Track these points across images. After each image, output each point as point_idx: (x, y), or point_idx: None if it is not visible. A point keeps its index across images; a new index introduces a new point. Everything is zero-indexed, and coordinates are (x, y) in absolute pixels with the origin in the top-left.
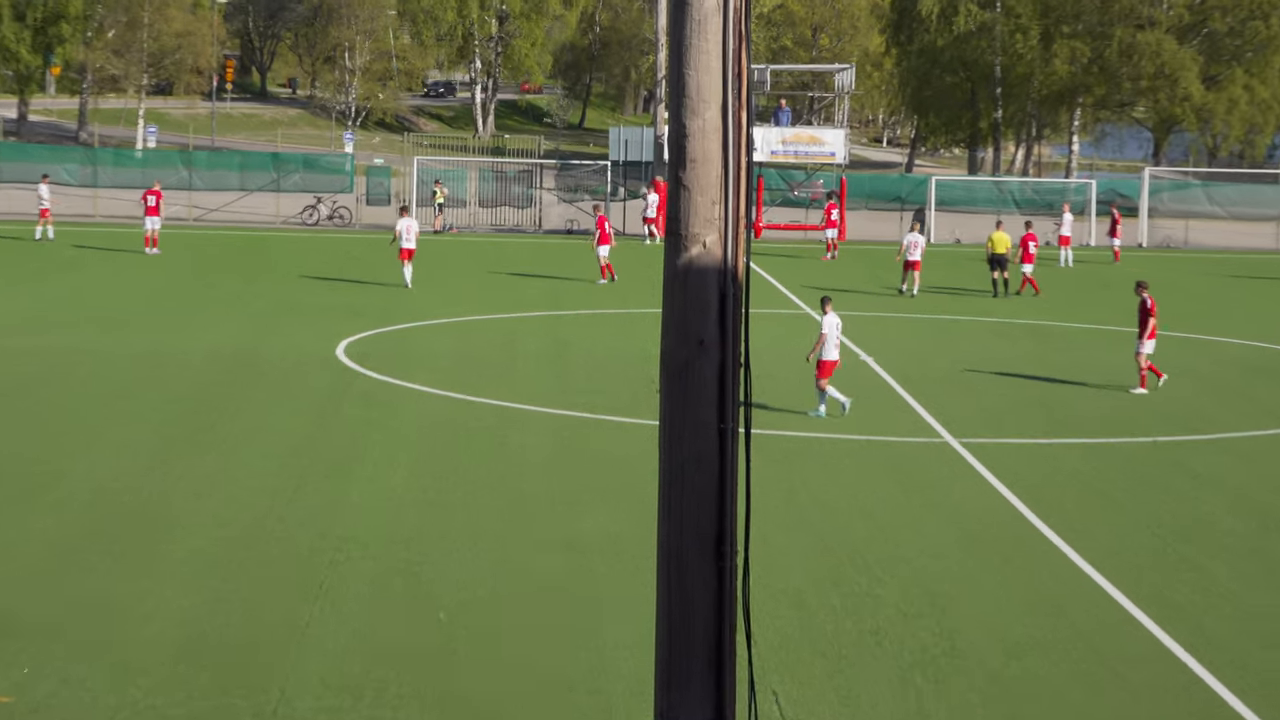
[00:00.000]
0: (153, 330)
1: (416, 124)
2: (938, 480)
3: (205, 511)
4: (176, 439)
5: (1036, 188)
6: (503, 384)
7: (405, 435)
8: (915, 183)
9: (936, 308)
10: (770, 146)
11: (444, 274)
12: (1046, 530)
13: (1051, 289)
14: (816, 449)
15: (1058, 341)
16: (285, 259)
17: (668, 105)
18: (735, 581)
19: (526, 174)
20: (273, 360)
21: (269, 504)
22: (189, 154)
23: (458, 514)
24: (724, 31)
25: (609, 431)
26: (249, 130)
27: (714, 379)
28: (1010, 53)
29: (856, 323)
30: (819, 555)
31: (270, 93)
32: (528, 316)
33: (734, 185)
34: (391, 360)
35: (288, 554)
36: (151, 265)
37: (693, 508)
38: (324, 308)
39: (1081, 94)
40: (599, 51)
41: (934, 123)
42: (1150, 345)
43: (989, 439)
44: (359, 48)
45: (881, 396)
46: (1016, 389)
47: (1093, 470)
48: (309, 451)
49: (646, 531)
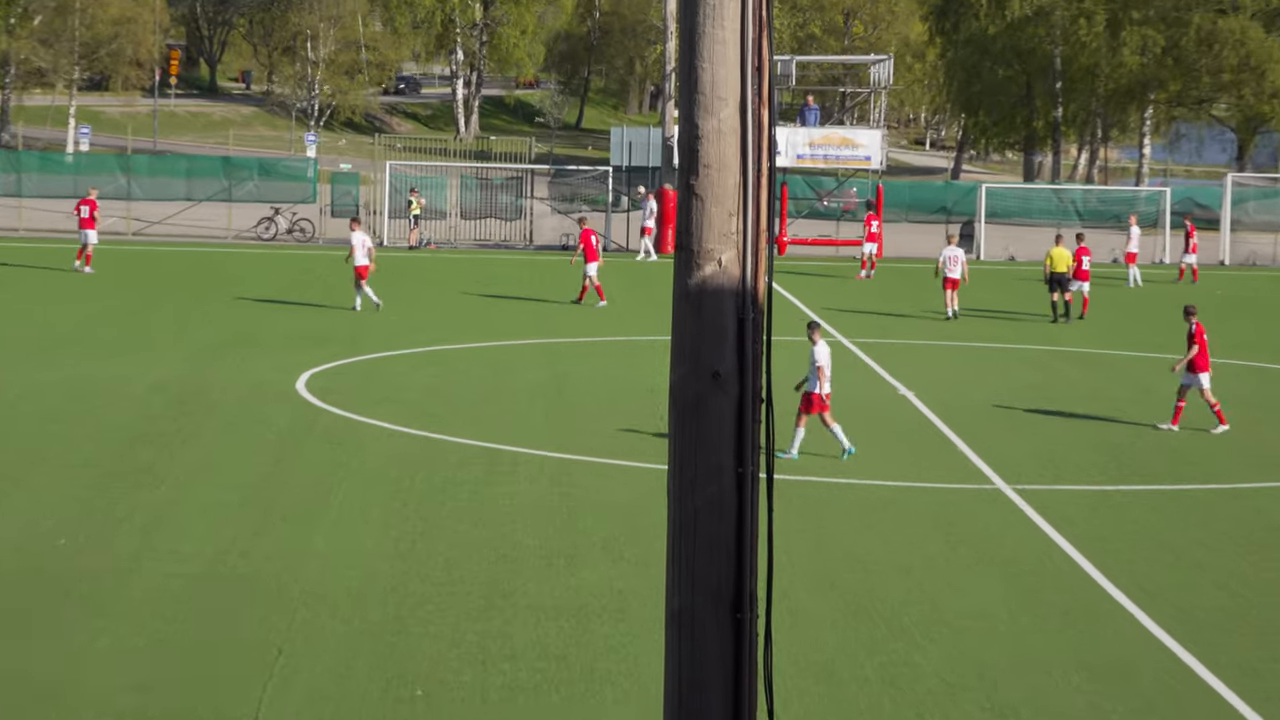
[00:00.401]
0: (86, 359)
1: (389, 124)
2: (987, 532)
3: (143, 565)
4: (108, 479)
5: (1102, 197)
6: (488, 422)
7: (376, 481)
8: (962, 191)
9: (985, 334)
10: (796, 150)
11: (421, 296)
12: (1111, 588)
13: (1118, 313)
14: (847, 496)
15: (1123, 373)
16: (238, 279)
17: (678, 103)
18: (755, 648)
19: (515, 181)
20: (223, 393)
21: (216, 555)
22: (127, 158)
23: (437, 571)
24: (743, 18)
25: (611, 476)
26: (196, 131)
27: (731, 416)
28: (1072, 41)
29: (893, 351)
30: (851, 618)
31: (221, 88)
32: (516, 344)
33: (754, 194)
34: (360, 395)
35: (240, 614)
36: (84, 286)
37: (706, 563)
38: (282, 335)
39: (1154, 89)
40: (598, 40)
41: (984, 122)
42: (1204, 378)
43: (1045, 484)
44: (323, 36)
45: (922, 436)
46: (1076, 428)
47: (1162, 520)
48: (264, 498)
49: (654, 591)
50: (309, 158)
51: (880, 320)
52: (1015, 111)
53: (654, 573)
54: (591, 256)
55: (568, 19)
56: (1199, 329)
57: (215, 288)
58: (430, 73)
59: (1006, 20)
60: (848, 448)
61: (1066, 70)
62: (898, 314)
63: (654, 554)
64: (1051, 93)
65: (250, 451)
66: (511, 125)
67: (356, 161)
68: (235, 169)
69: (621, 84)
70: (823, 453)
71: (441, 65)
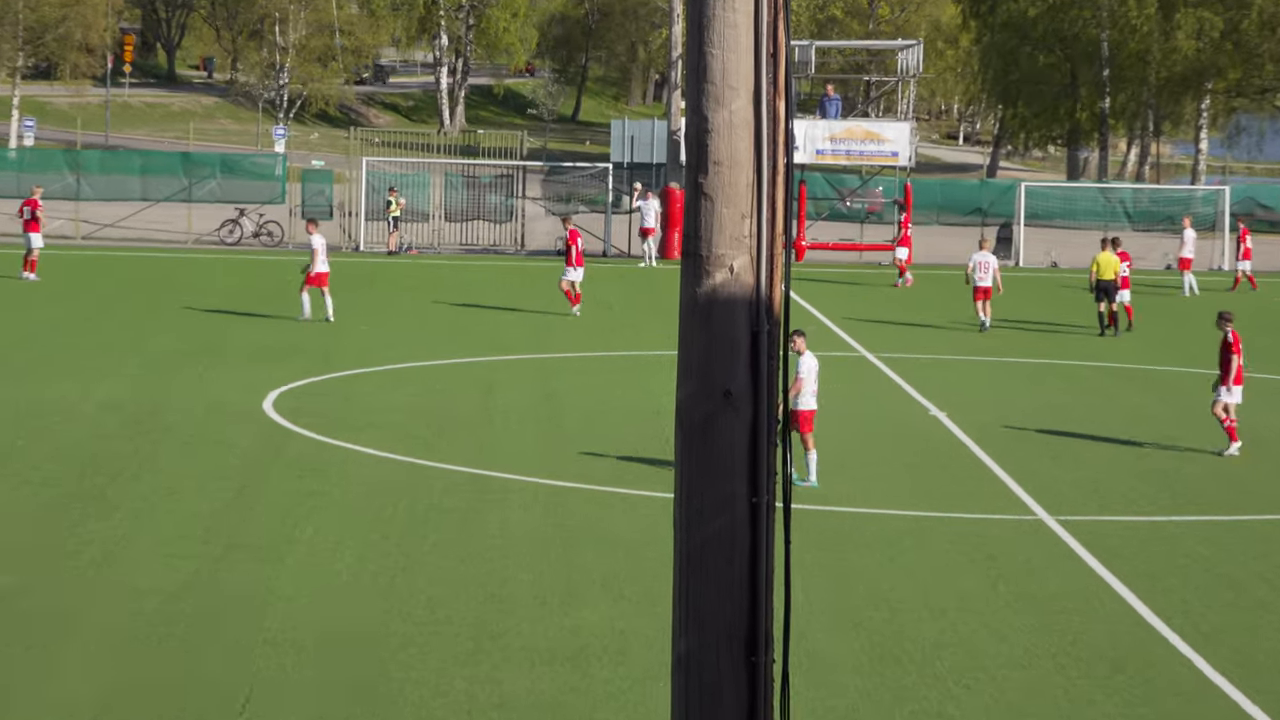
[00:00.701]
0: (30, 377)
1: (365, 116)
2: (1028, 567)
3: (95, 604)
4: (57, 508)
5: (1154, 197)
6: (476, 446)
7: (352, 511)
8: (999, 190)
9: (1025, 348)
10: (815, 145)
11: (401, 306)
12: (1165, 630)
13: (1171, 325)
14: (873, 528)
15: (1177, 391)
16: (199, 288)
17: (685, 93)
18: (770, 695)
19: (505, 180)
20: (182, 413)
21: (175, 593)
22: (76, 154)
23: (419, 610)
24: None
25: (611, 506)
26: (153, 124)
27: (744, 439)
28: (1121, 25)
29: (923, 367)
30: (876, 663)
31: (180, 77)
32: (507, 360)
33: (769, 194)
34: (334, 415)
35: (201, 660)
36: (27, 295)
37: (717, 602)
38: (248, 349)
39: (1211, 77)
40: (597, 24)
41: (1023, 114)
42: (1237, 393)
43: (1091, 515)
44: (292, 19)
45: (955, 461)
46: (1125, 452)
47: (1220, 554)
48: (228, 529)
49: (659, 632)
50: (277, 153)
51: (908, 333)
52: (1058, 102)
53: (659, 612)
54: (577, 261)
55: (563, 0)
56: (1236, 338)
57: (174, 297)
58: (411, 60)
59: (1048, 1)
60: (811, 480)
61: (1115, 56)
62: (928, 325)
63: (659, 591)
64: (1098, 81)
65: (212, 478)
66: (501, 117)
67: (330, 158)
68: (196, 166)
69: (622, 72)
70: (848, 478)
71: (424, 51)
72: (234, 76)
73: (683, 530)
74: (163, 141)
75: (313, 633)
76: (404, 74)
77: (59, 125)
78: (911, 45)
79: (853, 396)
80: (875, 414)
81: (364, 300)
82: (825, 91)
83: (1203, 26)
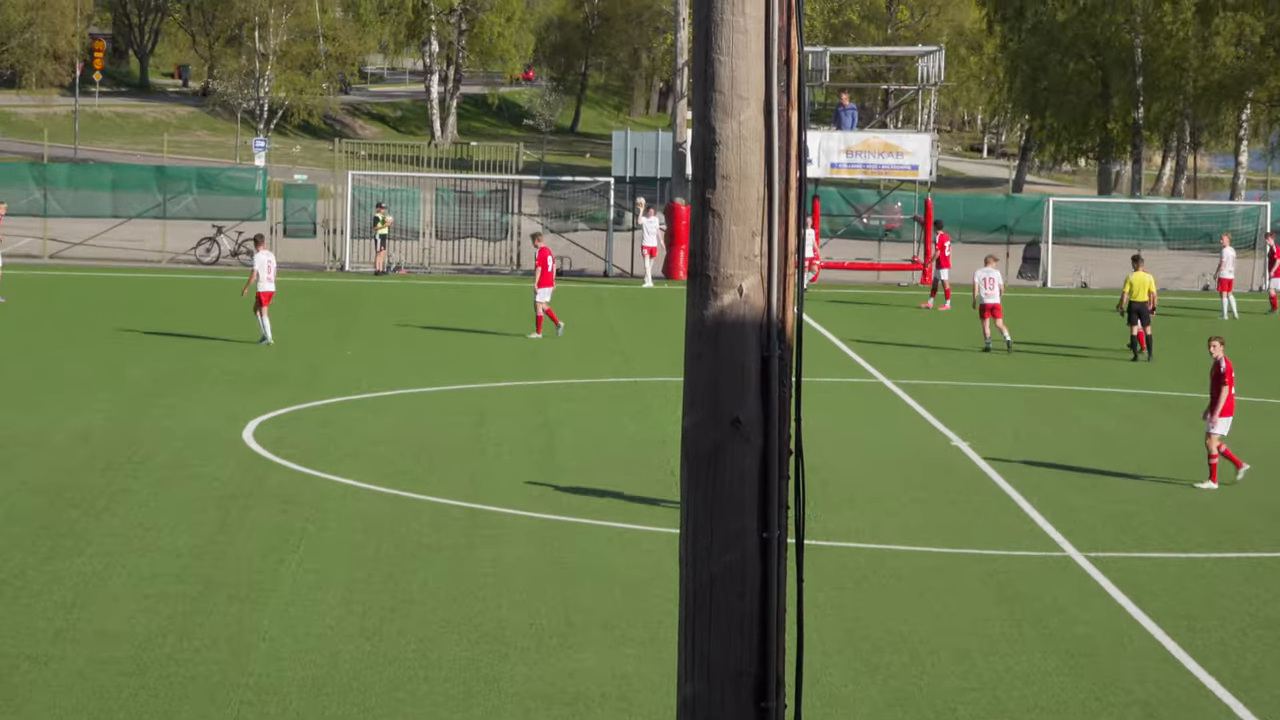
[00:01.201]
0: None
1: (351, 127)
2: (1056, 607)
3: (64, 649)
4: (23, 546)
5: (1191, 213)
6: (468, 478)
7: (337, 547)
8: (1026, 206)
9: (1052, 374)
10: (830, 158)
11: (389, 330)
12: (1201, 674)
13: (1205, 347)
14: (891, 565)
15: None
16: (174, 310)
17: (691, 102)
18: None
19: (500, 195)
20: (157, 444)
21: (150, 638)
22: (42, 168)
23: (409, 653)
24: (768, 2)
25: (611, 541)
26: (125, 136)
27: (754, 471)
28: (1156, 30)
29: (944, 394)
30: (895, 708)
31: (153, 85)
32: (501, 387)
33: (780, 210)
34: (318, 446)
35: (177, 710)
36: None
37: (725, 643)
38: (227, 376)
39: (1252, 86)
40: (597, 29)
41: (1052, 125)
42: (1224, 425)
43: (1123, 551)
44: (273, 24)
45: (979, 494)
46: (1157, 486)
47: (1261, 593)
48: (206, 568)
49: (663, 676)
50: (257, 167)
51: (928, 357)
52: (1088, 112)
53: (663, 654)
54: (545, 280)
55: (562, 4)
56: (1229, 366)
57: (147, 320)
58: (400, 67)
59: (1079, 5)
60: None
61: (1149, 64)
62: (949, 349)
63: (663, 633)
64: (1131, 90)
65: (190, 512)
66: (495, 129)
67: (313, 172)
68: (170, 181)
69: (625, 81)
70: (864, 511)
71: (413, 58)
72: (210, 85)
73: (689, 567)
74: (135, 154)
75: (296, 678)
76: (392, 82)
77: (24, 137)
78: (932, 51)
79: (870, 424)
80: (893, 443)
81: (350, 323)
82: (840, 101)
83: (1243, 32)
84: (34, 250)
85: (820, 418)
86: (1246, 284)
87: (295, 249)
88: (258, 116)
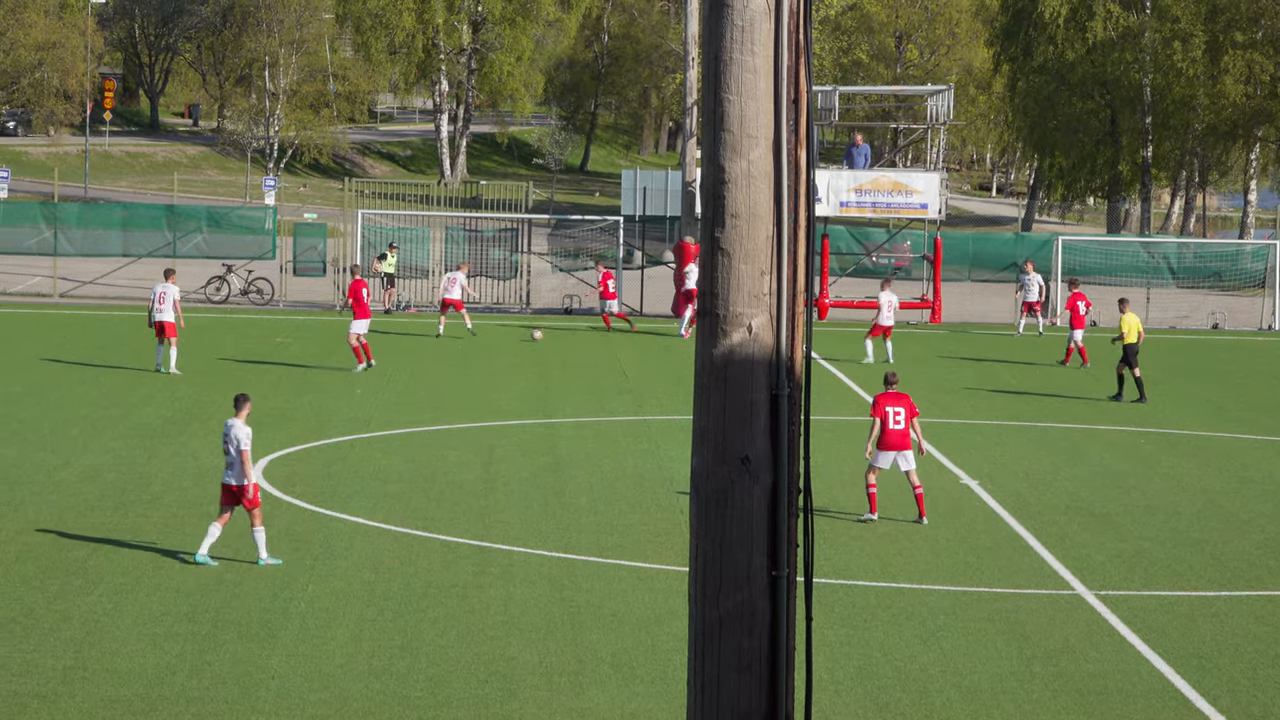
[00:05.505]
0: (5, 444)
1: (361, 166)
2: (1066, 645)
3: (73, 688)
4: (33, 584)
5: (1200, 251)
6: (477, 517)
7: (347, 586)
8: (1035, 244)
9: (1062, 413)
10: (839, 196)
11: (399, 368)
12: (1214, 714)
13: (1218, 387)
14: (901, 603)
15: (1224, 457)
16: (183, 348)
17: (701, 141)
18: None
19: (510, 233)
20: (166, 483)
21: (159, 676)
22: (54, 207)
23: (418, 692)
24: (776, 42)
25: (621, 580)
26: (135, 175)
27: (763, 509)
28: (1165, 69)
29: (954, 432)
30: None
31: (164, 124)
32: (510, 425)
33: (790, 249)
34: (327, 485)
35: None
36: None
37: (734, 683)
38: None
39: (1261, 124)
40: (607, 69)
41: (1060, 164)
42: (906, 458)
43: (1133, 590)
44: (284, 64)
45: (989, 532)
46: (1168, 524)
47: (1273, 632)
48: (214, 606)
49: (673, 715)
50: (267, 206)
51: (938, 395)
52: (1097, 151)
53: (673, 693)
54: (361, 312)
55: (571, 43)
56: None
57: (156, 358)
58: (410, 106)
59: (1087, 44)
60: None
61: (1158, 103)
62: (959, 388)
63: (672, 672)
64: (1140, 129)
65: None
66: (505, 168)
67: (323, 211)
68: (181, 219)
69: (634, 120)
70: (873, 548)
71: (423, 98)
72: (221, 124)
73: (698, 605)
74: (145, 193)
75: (306, 717)
76: (402, 121)
77: (35, 176)
78: (941, 91)
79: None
80: (903, 482)
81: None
82: (853, 140)
83: (1252, 70)
84: (44, 289)
85: (829, 455)
86: (1256, 323)
87: (305, 287)
88: (267, 155)
